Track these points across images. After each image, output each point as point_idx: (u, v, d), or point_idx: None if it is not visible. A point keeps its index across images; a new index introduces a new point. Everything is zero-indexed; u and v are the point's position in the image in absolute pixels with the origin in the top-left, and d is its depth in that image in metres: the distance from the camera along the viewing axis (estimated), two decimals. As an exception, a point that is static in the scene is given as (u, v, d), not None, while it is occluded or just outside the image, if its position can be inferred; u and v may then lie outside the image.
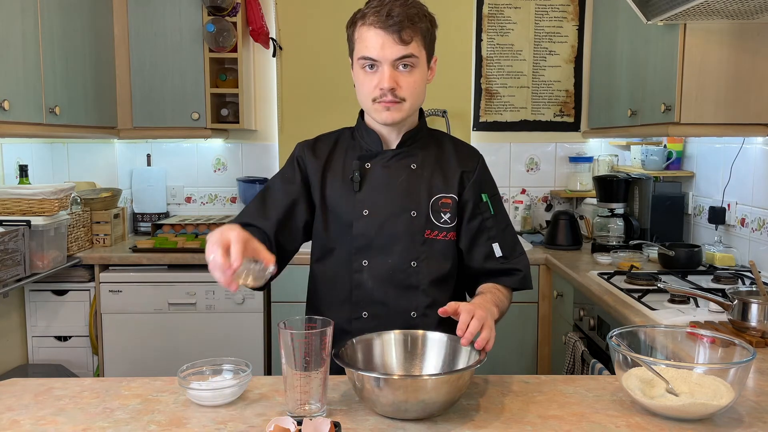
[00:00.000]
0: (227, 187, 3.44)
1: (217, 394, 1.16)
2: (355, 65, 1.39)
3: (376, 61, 1.33)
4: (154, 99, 2.99)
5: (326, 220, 1.45)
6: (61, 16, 2.46)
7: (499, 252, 1.44)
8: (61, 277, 2.72)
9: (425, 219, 1.42)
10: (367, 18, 1.33)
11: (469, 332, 1.16)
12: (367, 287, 1.41)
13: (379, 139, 1.45)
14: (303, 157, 1.48)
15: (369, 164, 1.44)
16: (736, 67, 2.14)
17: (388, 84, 1.32)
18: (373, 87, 1.35)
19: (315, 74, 3.29)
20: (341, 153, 1.48)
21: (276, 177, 1.51)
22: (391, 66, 1.32)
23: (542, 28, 3.33)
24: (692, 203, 2.80)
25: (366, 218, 1.41)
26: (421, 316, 1.41)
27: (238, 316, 2.76)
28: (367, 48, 1.33)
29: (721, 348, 1.22)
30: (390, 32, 1.30)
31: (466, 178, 1.45)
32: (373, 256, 1.41)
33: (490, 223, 1.45)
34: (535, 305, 2.83)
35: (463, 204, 1.45)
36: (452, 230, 1.44)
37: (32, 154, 2.75)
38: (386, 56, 1.32)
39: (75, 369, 2.75)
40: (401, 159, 1.44)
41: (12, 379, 1.32)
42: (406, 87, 1.34)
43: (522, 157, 3.41)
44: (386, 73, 1.32)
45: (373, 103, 1.36)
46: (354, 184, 1.42)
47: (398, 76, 1.33)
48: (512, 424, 1.08)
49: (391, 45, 1.31)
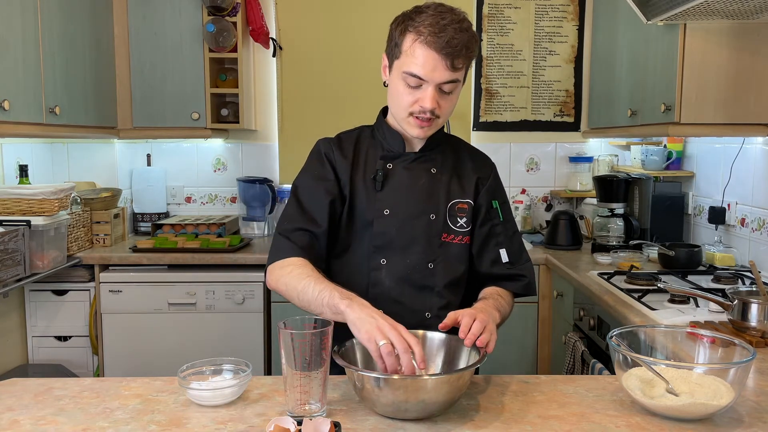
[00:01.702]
0: (227, 187, 3.44)
1: (217, 394, 1.16)
2: (395, 72, 1.37)
3: (423, 80, 1.32)
4: (154, 99, 2.99)
5: (351, 216, 1.46)
6: (61, 16, 2.46)
7: (506, 258, 1.47)
8: (61, 277, 2.72)
9: (443, 223, 1.44)
10: (422, 35, 1.30)
11: (472, 333, 1.17)
12: (385, 285, 1.43)
13: (402, 141, 1.47)
14: (330, 154, 1.47)
15: (391, 165, 1.46)
16: (736, 67, 2.14)
17: (431, 106, 1.33)
18: (413, 102, 1.35)
19: (315, 74, 3.28)
20: (363, 151, 1.49)
21: (307, 177, 1.47)
22: (437, 89, 1.33)
23: (542, 28, 3.33)
24: (692, 203, 2.80)
25: (386, 218, 1.43)
26: (435, 317, 1.42)
27: (238, 316, 2.76)
28: (417, 66, 1.31)
29: (721, 348, 1.22)
30: (444, 57, 1.30)
31: (480, 185, 1.49)
32: (391, 255, 1.43)
33: (499, 229, 1.49)
34: (535, 305, 2.83)
35: (477, 209, 1.48)
36: (467, 234, 1.46)
37: (32, 154, 2.75)
38: (434, 79, 1.31)
39: (75, 369, 2.75)
40: (423, 162, 1.47)
41: (12, 379, 1.32)
42: (445, 107, 1.37)
43: (522, 157, 3.41)
44: (430, 95, 1.32)
45: (408, 116, 1.37)
46: (376, 183, 1.44)
47: (440, 98, 1.35)
48: (512, 424, 1.08)
49: (442, 70, 1.31)
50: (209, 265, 2.77)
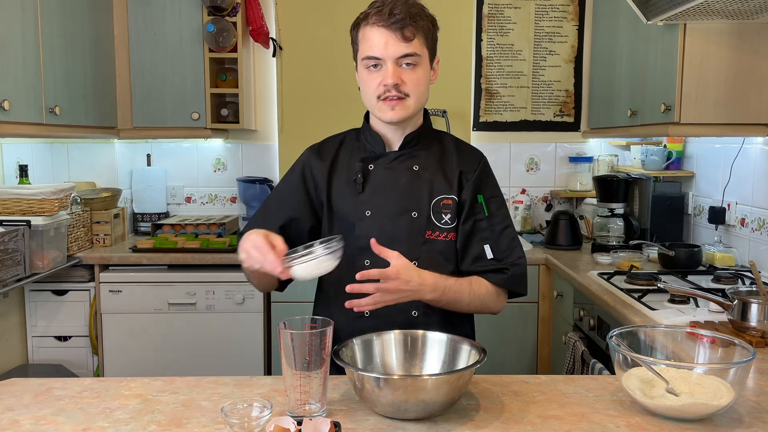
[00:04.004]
0: (227, 187, 3.44)
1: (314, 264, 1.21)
2: (359, 66, 1.41)
3: (379, 59, 1.35)
4: (154, 99, 2.99)
5: (331, 221, 1.48)
6: (61, 16, 2.46)
7: (491, 254, 1.43)
8: (61, 277, 2.72)
9: (426, 220, 1.43)
10: (369, 18, 1.35)
11: (359, 289, 1.25)
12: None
13: (382, 141, 1.47)
14: (309, 163, 1.51)
15: (372, 166, 1.46)
16: (736, 67, 2.14)
17: (392, 80, 1.34)
18: (378, 84, 1.37)
19: (315, 74, 3.28)
20: (346, 154, 1.50)
21: (279, 185, 1.54)
22: (395, 63, 1.35)
23: (542, 28, 3.33)
24: (692, 203, 2.80)
25: (368, 219, 1.43)
26: (422, 315, 1.42)
27: (238, 316, 2.76)
28: (371, 47, 1.35)
29: (721, 348, 1.22)
30: (393, 30, 1.33)
31: (464, 179, 1.46)
32: (375, 256, 1.41)
33: (484, 225, 1.45)
34: (535, 305, 2.83)
35: (462, 204, 1.46)
36: (452, 231, 1.45)
37: (32, 154, 2.75)
38: (390, 54, 1.34)
39: (75, 369, 2.75)
40: (404, 161, 1.46)
41: (12, 379, 1.32)
42: (410, 83, 1.36)
43: (522, 157, 3.41)
44: (390, 70, 1.35)
45: (377, 101, 1.38)
46: (357, 186, 1.45)
47: (402, 73, 1.36)
48: (512, 424, 1.08)
49: (395, 43, 1.33)
50: (209, 265, 2.77)
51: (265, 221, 1.46)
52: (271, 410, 1.03)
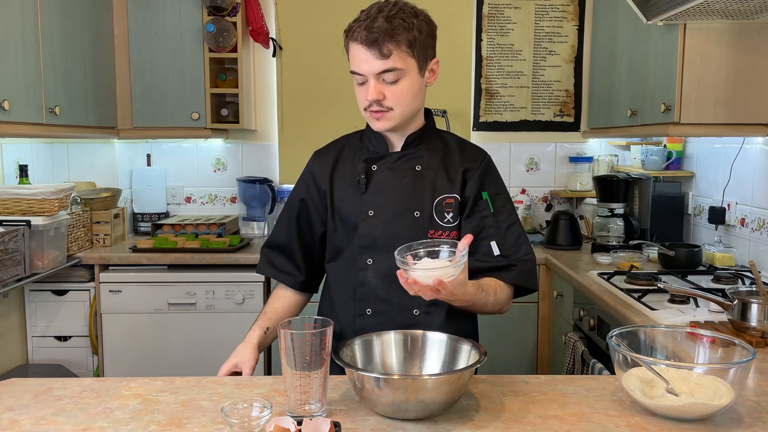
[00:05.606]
0: (227, 187, 3.44)
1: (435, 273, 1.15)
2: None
3: (362, 75, 1.37)
4: (154, 99, 2.99)
5: (335, 222, 1.50)
6: (61, 16, 2.46)
7: (497, 251, 1.43)
8: (61, 277, 2.72)
9: (429, 219, 1.44)
10: (353, 32, 1.36)
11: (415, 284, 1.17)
12: (372, 284, 1.44)
13: (384, 142, 1.49)
14: (312, 169, 1.55)
15: (375, 166, 1.48)
16: (736, 67, 2.14)
17: (372, 96, 1.37)
18: (363, 98, 1.39)
19: (315, 74, 3.29)
20: (349, 156, 1.52)
21: (292, 193, 1.59)
22: (376, 79, 1.36)
23: (542, 28, 3.33)
24: (692, 203, 2.80)
25: (371, 218, 1.45)
26: (423, 314, 1.43)
27: (238, 316, 2.76)
28: (354, 63, 1.38)
29: (721, 348, 1.21)
30: (370, 47, 1.34)
31: (467, 177, 1.47)
32: (377, 255, 1.44)
33: (489, 222, 1.45)
34: (535, 305, 2.83)
35: (465, 202, 1.46)
36: (455, 229, 1.45)
37: (32, 154, 2.75)
38: (369, 71, 1.36)
39: (75, 369, 2.75)
40: (406, 161, 1.47)
41: (12, 379, 1.32)
42: (392, 97, 1.38)
43: (522, 157, 3.41)
44: (371, 87, 1.37)
45: (365, 112, 1.42)
46: (360, 186, 1.46)
47: (384, 88, 1.37)
48: (512, 424, 1.08)
49: (373, 60, 1.34)
50: (209, 265, 2.77)
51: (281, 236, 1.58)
52: (271, 410, 1.03)
